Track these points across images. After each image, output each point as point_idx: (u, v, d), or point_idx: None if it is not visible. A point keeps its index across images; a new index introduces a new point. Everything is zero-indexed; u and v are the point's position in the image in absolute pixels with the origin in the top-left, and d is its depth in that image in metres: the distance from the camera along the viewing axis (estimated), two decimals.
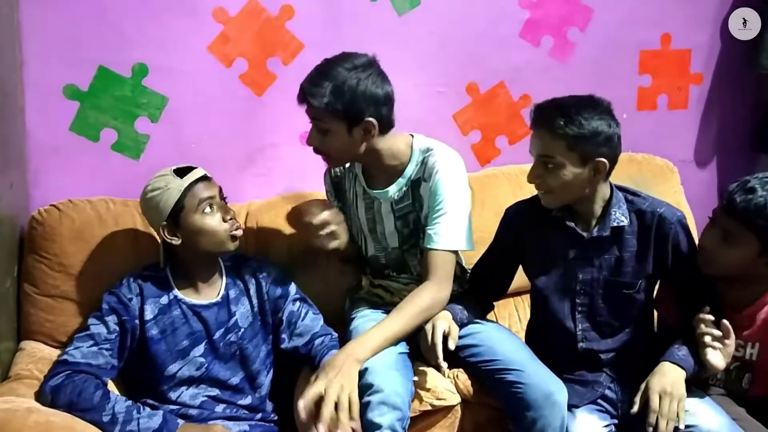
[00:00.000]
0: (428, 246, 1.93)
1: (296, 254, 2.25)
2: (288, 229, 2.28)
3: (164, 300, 1.91)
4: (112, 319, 1.85)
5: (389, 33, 2.45)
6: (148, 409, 1.74)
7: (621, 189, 1.96)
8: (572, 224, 1.92)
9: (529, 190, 2.07)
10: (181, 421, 1.74)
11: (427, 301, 1.88)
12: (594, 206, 1.91)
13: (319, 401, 1.66)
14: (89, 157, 2.29)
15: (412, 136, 2.03)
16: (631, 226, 1.91)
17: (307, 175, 2.49)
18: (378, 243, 2.09)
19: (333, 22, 2.44)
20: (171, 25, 2.28)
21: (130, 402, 1.73)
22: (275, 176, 2.48)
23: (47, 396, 1.72)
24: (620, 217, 1.89)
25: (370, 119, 1.86)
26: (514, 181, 2.50)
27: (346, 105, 1.83)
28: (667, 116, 2.90)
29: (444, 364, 1.79)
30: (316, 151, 1.95)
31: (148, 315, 1.88)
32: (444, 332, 1.80)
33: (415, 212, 2.02)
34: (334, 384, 1.68)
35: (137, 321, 1.87)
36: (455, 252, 1.98)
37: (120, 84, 2.27)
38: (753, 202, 1.77)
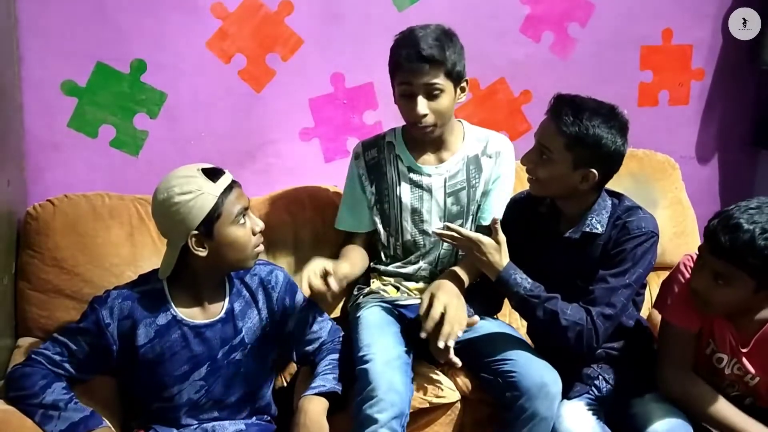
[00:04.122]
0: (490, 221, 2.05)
1: (299, 250, 2.25)
2: (289, 225, 2.27)
3: (161, 320, 1.75)
4: (83, 339, 1.73)
5: (389, 28, 2.42)
6: (79, 404, 1.66)
7: (614, 196, 1.93)
8: (551, 222, 1.93)
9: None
10: (106, 422, 1.65)
11: None
12: (576, 209, 1.90)
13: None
14: (88, 153, 2.29)
15: (460, 121, 2.17)
16: (606, 234, 1.88)
17: (307, 170, 2.50)
18: (418, 225, 2.10)
19: (332, 18, 2.43)
20: (169, 21, 2.28)
21: (66, 393, 1.66)
22: (274, 172, 2.48)
23: (4, 384, 1.71)
24: (595, 224, 1.87)
25: (467, 78, 2.04)
26: (515, 177, 2.49)
27: (460, 64, 1.98)
28: (669, 112, 2.88)
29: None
30: (421, 119, 1.98)
31: (142, 339, 1.73)
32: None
33: (469, 188, 2.07)
34: (453, 303, 1.84)
35: (114, 347, 1.73)
36: None
37: (118, 80, 2.27)
38: (740, 240, 1.62)
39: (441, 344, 1.80)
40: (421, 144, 2.09)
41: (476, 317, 1.90)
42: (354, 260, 2.08)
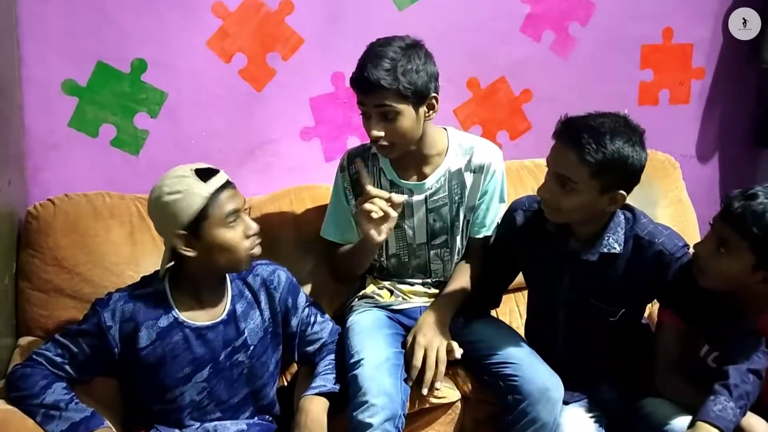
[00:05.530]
0: (483, 234, 2.07)
1: (299, 249, 2.24)
2: (290, 224, 2.27)
3: (163, 322, 1.74)
4: (84, 341, 1.72)
5: (390, 28, 2.42)
6: (80, 404, 1.66)
7: (625, 209, 1.85)
8: (559, 240, 1.86)
9: (530, 185, 2.07)
10: (107, 423, 1.65)
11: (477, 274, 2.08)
12: (591, 228, 1.82)
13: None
14: (88, 152, 2.29)
15: (446, 129, 2.06)
16: (625, 252, 1.81)
17: (307, 170, 2.50)
18: (402, 240, 2.07)
19: (333, 17, 2.43)
20: (170, 20, 2.28)
21: (66, 394, 1.66)
22: (275, 171, 2.48)
23: (5, 384, 1.71)
24: (613, 243, 1.80)
25: (435, 95, 1.91)
26: (515, 176, 2.49)
27: (422, 82, 1.85)
28: (669, 111, 2.88)
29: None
30: (377, 140, 1.89)
31: (144, 341, 1.72)
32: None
33: (451, 204, 2.02)
34: (434, 344, 1.87)
35: (116, 349, 1.72)
36: None
37: (119, 79, 2.27)
38: (751, 208, 1.63)
39: (425, 392, 1.84)
40: (404, 158, 1.99)
41: (459, 351, 1.89)
42: None
